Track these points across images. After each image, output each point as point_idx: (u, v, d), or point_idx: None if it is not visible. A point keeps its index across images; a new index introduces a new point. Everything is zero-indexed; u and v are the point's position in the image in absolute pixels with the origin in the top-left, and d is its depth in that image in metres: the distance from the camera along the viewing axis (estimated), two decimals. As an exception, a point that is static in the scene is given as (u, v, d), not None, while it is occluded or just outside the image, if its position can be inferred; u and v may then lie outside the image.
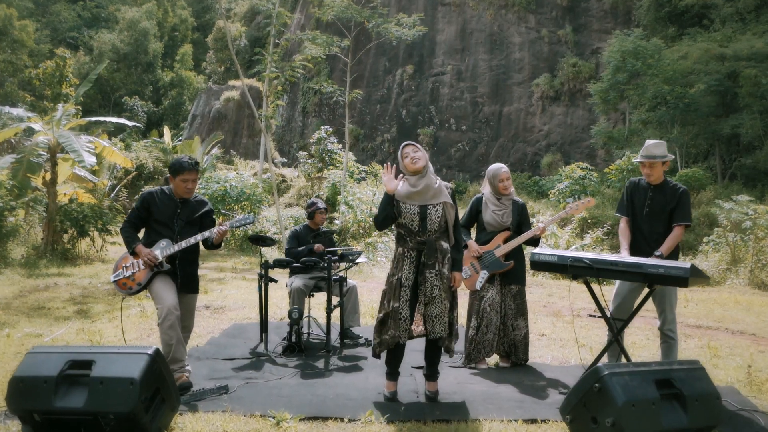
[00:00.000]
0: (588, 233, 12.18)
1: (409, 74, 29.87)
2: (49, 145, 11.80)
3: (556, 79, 27.33)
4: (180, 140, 24.33)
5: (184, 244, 4.37)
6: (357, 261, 5.88)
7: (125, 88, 36.53)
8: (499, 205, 5.28)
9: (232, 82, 29.65)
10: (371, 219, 14.34)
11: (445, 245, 4.21)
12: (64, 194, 12.70)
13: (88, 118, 12.66)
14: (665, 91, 21.26)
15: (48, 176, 12.19)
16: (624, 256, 4.53)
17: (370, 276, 10.72)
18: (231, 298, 8.37)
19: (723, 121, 21.56)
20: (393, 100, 29.98)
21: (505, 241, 5.23)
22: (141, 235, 4.63)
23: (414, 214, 4.12)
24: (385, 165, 4.29)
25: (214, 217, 4.72)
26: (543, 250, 4.43)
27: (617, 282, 4.74)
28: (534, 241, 5.34)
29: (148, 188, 4.94)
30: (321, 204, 6.34)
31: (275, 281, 5.91)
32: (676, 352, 4.68)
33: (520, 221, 5.35)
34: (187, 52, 39.57)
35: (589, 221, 13.72)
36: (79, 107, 24.94)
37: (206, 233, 4.41)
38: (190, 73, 38.76)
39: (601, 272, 4.17)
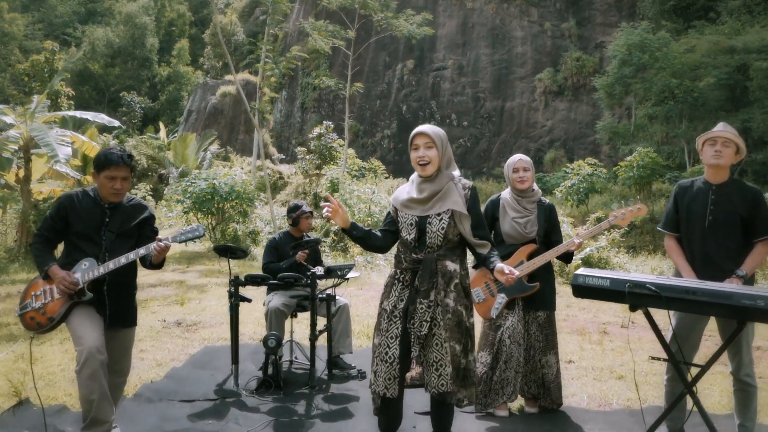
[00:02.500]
0: (603, 234, 11.00)
1: (409, 69, 28.66)
2: (20, 139, 10.63)
3: (559, 74, 26.18)
4: (175, 136, 23.14)
5: (112, 264, 3.18)
6: (348, 276, 4.71)
7: (120, 83, 35.22)
8: (520, 211, 4.06)
9: (228, 77, 28.39)
10: (369, 218, 13.16)
11: (453, 267, 3.05)
12: (40, 192, 11.54)
13: (63, 113, 11.49)
14: (673, 85, 20.11)
15: (21, 173, 11.03)
16: (693, 279, 3.36)
17: (368, 282, 9.55)
18: (209, 311, 7.20)
19: (732, 115, 20.45)
20: (393, 95, 28.77)
21: (530, 256, 4.02)
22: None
23: (410, 225, 3.08)
24: (326, 196, 3.14)
25: (156, 226, 3.51)
26: (589, 270, 3.24)
27: (675, 313, 3.54)
28: (566, 256, 4.14)
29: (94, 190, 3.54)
30: (306, 207, 5.14)
31: (248, 301, 4.75)
32: (756, 402, 3.50)
33: (548, 229, 4.13)
34: (183, 47, 38.22)
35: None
36: (72, 102, 23.79)
37: (141, 250, 3.21)
38: (188, 69, 37.46)
39: (673, 303, 2.99)
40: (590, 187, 15.64)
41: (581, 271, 3.25)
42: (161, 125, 24.76)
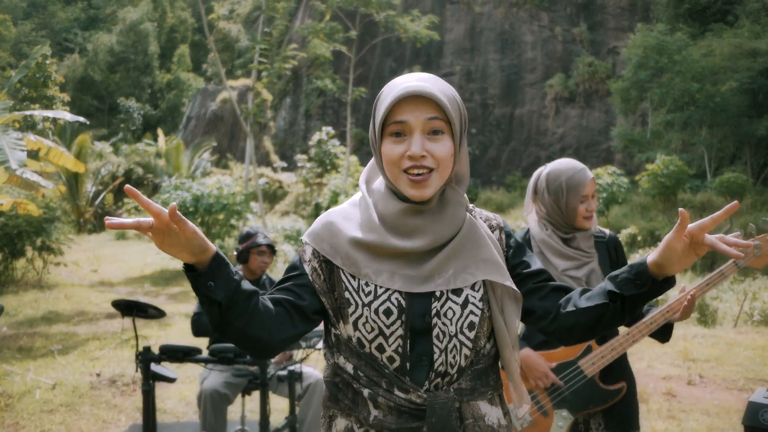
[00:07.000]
0: (638, 252, 9.28)
1: (415, 75, 27.05)
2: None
3: (570, 80, 24.49)
4: (174, 144, 21.60)
5: None
6: (317, 347, 3.04)
7: (121, 91, 33.77)
8: (573, 257, 2.15)
9: (229, 83, 26.91)
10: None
11: (495, 415, 1.22)
12: (0, 204, 9.93)
13: (23, 112, 9.89)
14: (693, 90, 18.40)
15: (-26, 182, 9.41)
16: None
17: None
18: (160, 359, 5.52)
19: (756, 121, 18.74)
20: (399, 102, 27.16)
21: (602, 337, 2.16)
22: None
23: (385, 314, 1.16)
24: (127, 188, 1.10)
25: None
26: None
27: None
28: (663, 332, 2.19)
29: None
30: (261, 238, 3.42)
31: (169, 380, 3.07)
32: None
33: None
34: (183, 53, 36.74)
35: (638, 238, 10.76)
36: (68, 108, 22.27)
37: None
38: (190, 75, 35.97)
39: None
40: (611, 197, 13.91)
41: (763, 396, 1.55)
42: (159, 132, 23.22)
